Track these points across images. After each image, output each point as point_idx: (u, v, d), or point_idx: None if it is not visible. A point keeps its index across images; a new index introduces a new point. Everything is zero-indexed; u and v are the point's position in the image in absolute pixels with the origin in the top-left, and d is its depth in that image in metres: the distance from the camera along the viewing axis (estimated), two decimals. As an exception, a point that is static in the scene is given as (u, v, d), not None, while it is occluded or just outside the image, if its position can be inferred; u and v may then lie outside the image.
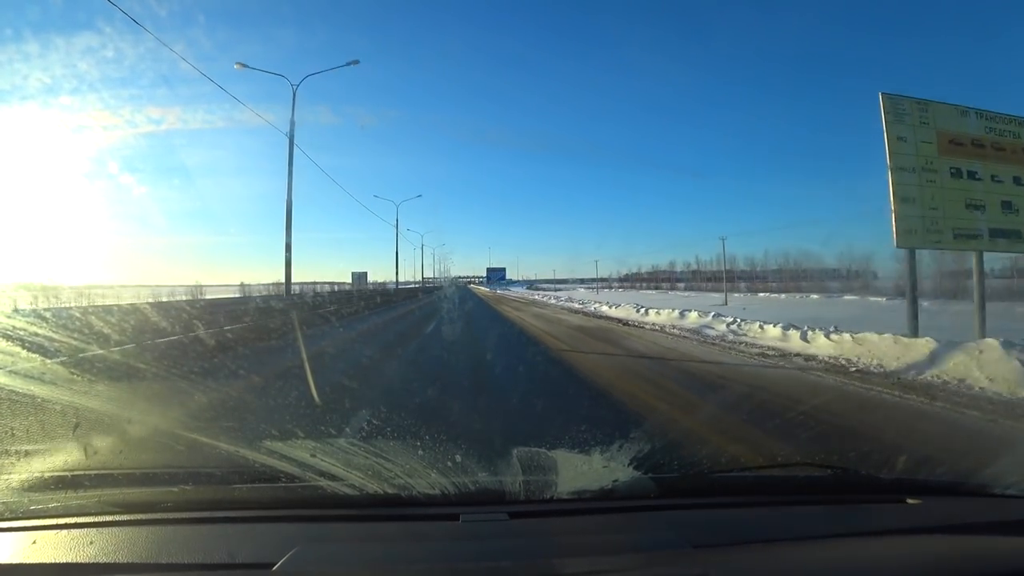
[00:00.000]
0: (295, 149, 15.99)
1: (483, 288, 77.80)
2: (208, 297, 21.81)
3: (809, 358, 7.12)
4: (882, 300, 26.64)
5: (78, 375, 5.79)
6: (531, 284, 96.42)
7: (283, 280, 16.66)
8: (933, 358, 5.87)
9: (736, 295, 35.89)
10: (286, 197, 16.28)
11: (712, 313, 12.58)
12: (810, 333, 8.10)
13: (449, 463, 1.27)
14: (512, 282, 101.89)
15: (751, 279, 60.22)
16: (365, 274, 47.87)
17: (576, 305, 23.33)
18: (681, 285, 70.06)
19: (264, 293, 24.13)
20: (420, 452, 1.30)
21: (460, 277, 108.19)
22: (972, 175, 7.57)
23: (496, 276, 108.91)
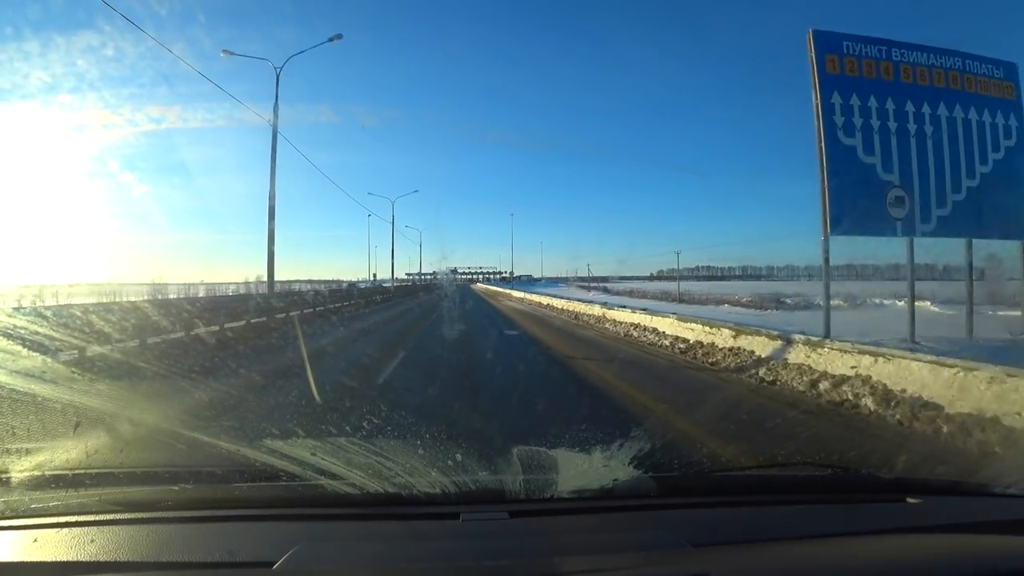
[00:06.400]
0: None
1: (529, 297, 26.23)
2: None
3: None
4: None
5: (78, 373, 5.79)
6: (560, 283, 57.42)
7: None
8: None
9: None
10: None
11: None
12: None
13: (450, 462, 1.26)
14: (534, 282, 61.35)
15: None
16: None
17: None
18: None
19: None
20: (420, 451, 1.29)
21: (459, 271, 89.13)
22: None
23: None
